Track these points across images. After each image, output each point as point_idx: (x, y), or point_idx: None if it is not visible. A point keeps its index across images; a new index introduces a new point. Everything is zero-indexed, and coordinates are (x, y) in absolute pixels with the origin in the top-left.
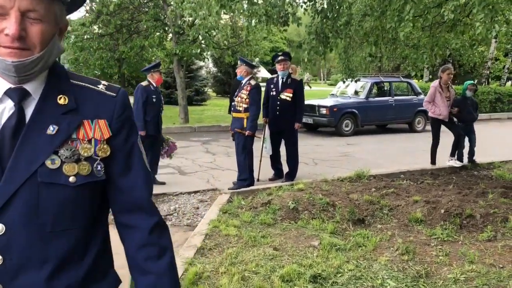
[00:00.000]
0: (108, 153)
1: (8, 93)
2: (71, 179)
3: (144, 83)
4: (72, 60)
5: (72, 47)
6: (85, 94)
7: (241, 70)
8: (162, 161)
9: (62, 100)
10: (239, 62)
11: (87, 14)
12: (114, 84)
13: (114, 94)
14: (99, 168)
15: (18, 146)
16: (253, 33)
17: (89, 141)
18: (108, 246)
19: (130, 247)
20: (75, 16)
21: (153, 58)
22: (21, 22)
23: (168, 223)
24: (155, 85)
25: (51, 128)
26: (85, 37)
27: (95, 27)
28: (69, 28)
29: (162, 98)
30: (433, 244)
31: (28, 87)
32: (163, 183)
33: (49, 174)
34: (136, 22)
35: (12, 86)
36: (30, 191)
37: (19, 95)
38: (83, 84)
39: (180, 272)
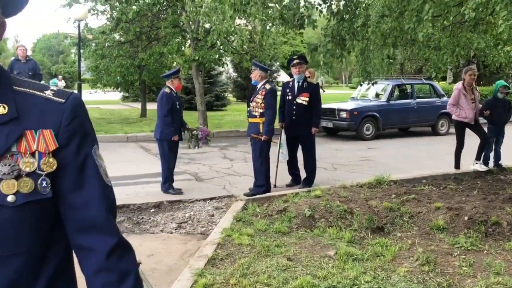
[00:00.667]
0: (55, 167)
1: None
2: (10, 198)
3: (167, 90)
4: (93, 68)
5: (93, 55)
6: (29, 101)
7: (255, 74)
8: (179, 167)
9: (1, 109)
10: (252, 66)
11: (107, 22)
12: (135, 91)
13: (63, 101)
14: (44, 184)
15: None
16: (267, 37)
17: (32, 154)
18: (67, 269)
19: (87, 272)
20: (96, 24)
21: (173, 64)
22: None
23: (182, 231)
24: (175, 91)
25: None
26: (106, 44)
27: (115, 34)
28: (89, 36)
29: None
30: (456, 254)
31: None
32: (180, 191)
33: None
34: (155, 29)
35: None
36: None
37: None
38: (28, 90)
39: (189, 284)
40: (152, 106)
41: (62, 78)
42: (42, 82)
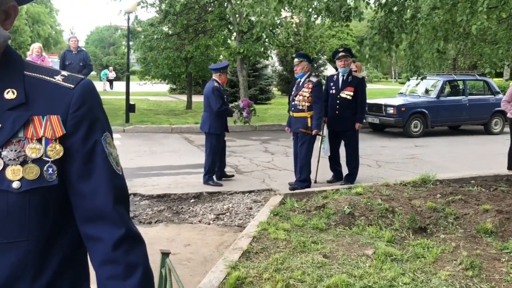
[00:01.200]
0: (61, 154)
1: None
2: (15, 184)
3: (216, 84)
4: (141, 60)
5: (142, 47)
6: (39, 86)
7: (302, 66)
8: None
9: (9, 94)
10: (296, 59)
11: (157, 15)
12: (182, 83)
13: (72, 86)
14: (50, 171)
15: None
16: (312, 29)
17: (39, 140)
18: (78, 257)
19: (94, 263)
20: (145, 17)
21: (219, 57)
22: None
23: (220, 222)
24: (222, 85)
25: None
26: (154, 37)
27: (164, 27)
28: (139, 28)
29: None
30: (503, 260)
31: None
32: (220, 183)
33: None
34: (202, 21)
35: None
36: None
37: None
38: (38, 75)
39: (222, 276)
40: (197, 99)
41: (113, 69)
42: (93, 73)
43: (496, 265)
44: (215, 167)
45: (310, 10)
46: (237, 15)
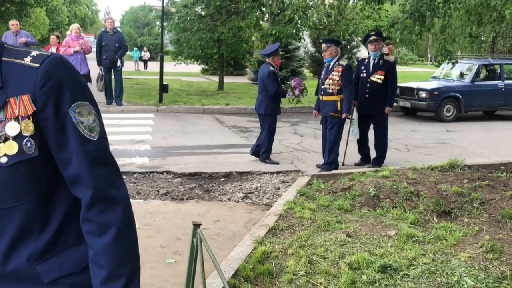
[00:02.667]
0: (32, 129)
1: None
2: (2, 159)
3: (271, 68)
4: (175, 41)
5: (175, 28)
6: (12, 70)
7: (330, 51)
8: (250, 140)
9: None
10: (324, 44)
11: None
12: (214, 64)
13: (37, 65)
14: (28, 145)
15: None
16: (343, 12)
17: (16, 118)
18: (79, 214)
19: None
20: None
21: (250, 39)
22: None
23: (248, 201)
24: (275, 67)
25: None
26: (187, 18)
27: (197, 8)
28: (173, 9)
29: None
30: None
31: None
32: (276, 162)
33: None
34: (235, 2)
35: None
36: None
37: None
38: (12, 59)
39: (249, 250)
40: (228, 80)
41: (148, 50)
42: (129, 53)
43: None
44: (271, 146)
45: None
46: None
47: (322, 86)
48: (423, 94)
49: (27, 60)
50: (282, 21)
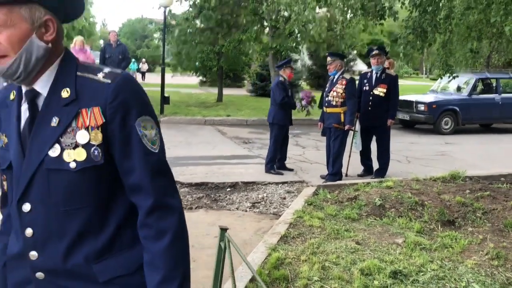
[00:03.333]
0: (101, 138)
1: (25, 94)
2: (72, 164)
3: (281, 79)
4: (176, 53)
5: (176, 40)
6: (85, 84)
7: (335, 64)
8: (253, 152)
9: (65, 93)
10: (329, 58)
11: (190, 9)
12: (212, 76)
13: (109, 81)
14: (96, 153)
15: (31, 139)
16: (348, 27)
17: (86, 128)
18: (135, 218)
19: (137, 225)
20: (180, 10)
21: (249, 51)
22: None
23: (256, 210)
24: (288, 80)
25: (54, 120)
26: (188, 31)
27: (197, 21)
28: (173, 22)
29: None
30: None
31: (36, 87)
32: (281, 172)
33: (53, 161)
34: (236, 16)
35: (28, 88)
36: (42, 177)
37: (29, 96)
38: (86, 75)
39: (263, 256)
40: (227, 92)
41: (146, 62)
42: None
43: None
44: (276, 156)
45: (346, 8)
46: (270, 12)
47: (326, 98)
48: (421, 107)
49: (100, 76)
50: (282, 35)
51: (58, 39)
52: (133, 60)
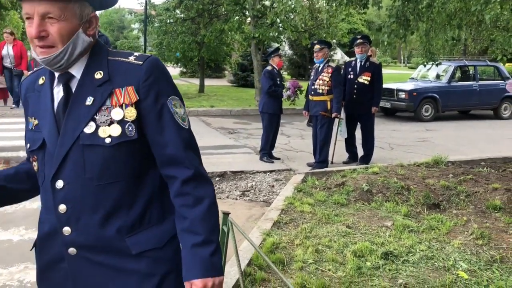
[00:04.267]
0: (135, 115)
1: (58, 78)
2: (107, 140)
3: (269, 68)
4: (156, 44)
5: (157, 31)
6: (118, 66)
7: (323, 53)
8: (239, 142)
9: (98, 75)
10: (318, 45)
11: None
12: (193, 66)
13: (141, 63)
14: (130, 129)
15: (66, 117)
16: (333, 17)
17: (120, 106)
18: (163, 195)
19: (171, 196)
20: (161, 1)
21: (232, 41)
22: (41, 24)
23: (246, 198)
24: (277, 68)
25: (88, 99)
26: (168, 21)
27: (178, 11)
28: (153, 12)
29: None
30: (511, 232)
31: (72, 70)
32: (271, 161)
33: (88, 137)
34: (216, 6)
35: (61, 73)
36: (77, 153)
37: (64, 78)
38: (117, 58)
39: (259, 241)
40: (209, 82)
41: None
42: None
43: (504, 236)
44: (269, 144)
45: None
46: (252, 1)
47: (313, 87)
48: (402, 95)
49: (131, 58)
50: (264, 24)
51: (96, 31)
52: None
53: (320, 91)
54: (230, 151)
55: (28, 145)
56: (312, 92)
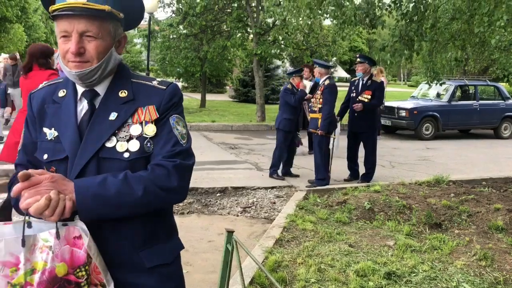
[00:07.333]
0: (154, 132)
1: (83, 94)
2: (125, 154)
3: (289, 86)
4: (159, 59)
5: (160, 46)
6: (141, 88)
7: (316, 72)
8: (240, 157)
9: (122, 94)
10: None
11: (173, 15)
12: (194, 81)
13: (164, 87)
14: (148, 144)
15: (88, 131)
16: (338, 35)
17: (140, 123)
18: (171, 216)
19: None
20: (163, 16)
21: (234, 58)
22: (79, 41)
23: (247, 215)
24: (296, 88)
25: (112, 114)
26: (171, 36)
27: (181, 27)
28: (156, 28)
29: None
30: None
31: (97, 88)
32: (283, 178)
33: (108, 151)
34: (219, 23)
35: (86, 89)
36: (95, 164)
37: (90, 95)
38: (141, 81)
39: (261, 259)
40: (210, 97)
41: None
42: None
43: (506, 257)
44: (280, 162)
45: (339, 17)
46: (255, 19)
47: (309, 104)
48: (403, 113)
49: (155, 83)
50: (266, 41)
51: (123, 51)
52: None
53: (314, 108)
54: (231, 167)
55: (46, 155)
56: (309, 109)
